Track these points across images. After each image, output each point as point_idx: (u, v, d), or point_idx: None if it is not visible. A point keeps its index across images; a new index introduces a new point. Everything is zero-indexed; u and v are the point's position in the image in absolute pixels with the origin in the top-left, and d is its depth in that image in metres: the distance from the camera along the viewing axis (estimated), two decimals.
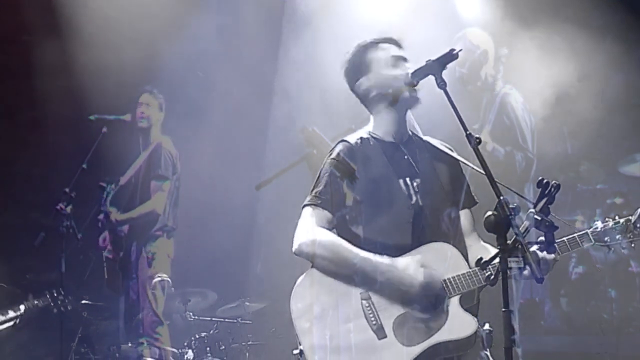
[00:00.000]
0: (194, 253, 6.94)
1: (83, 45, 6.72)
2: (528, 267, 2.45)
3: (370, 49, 3.28)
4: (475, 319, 3.01)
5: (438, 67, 2.95)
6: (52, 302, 5.64)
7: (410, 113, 3.29)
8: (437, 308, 2.99)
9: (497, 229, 2.46)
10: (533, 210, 2.51)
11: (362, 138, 3.24)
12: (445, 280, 3.02)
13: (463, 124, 2.80)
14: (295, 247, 3.13)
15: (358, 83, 3.29)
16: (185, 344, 6.15)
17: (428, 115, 3.38)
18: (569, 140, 7.08)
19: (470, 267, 3.07)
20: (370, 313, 3.02)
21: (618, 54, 6.52)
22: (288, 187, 5.74)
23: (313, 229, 3.10)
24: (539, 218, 2.49)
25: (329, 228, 3.14)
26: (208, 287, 6.69)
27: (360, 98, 3.34)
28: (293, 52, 6.82)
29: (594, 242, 3.03)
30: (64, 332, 5.63)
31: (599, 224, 3.05)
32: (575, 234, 3.03)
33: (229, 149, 7.08)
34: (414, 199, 3.15)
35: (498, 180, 2.66)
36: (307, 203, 3.17)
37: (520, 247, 2.43)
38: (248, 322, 6.59)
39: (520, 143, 6.88)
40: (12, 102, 6.88)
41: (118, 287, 6.63)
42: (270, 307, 6.54)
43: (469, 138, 2.73)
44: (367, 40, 3.31)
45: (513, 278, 2.40)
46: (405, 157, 3.23)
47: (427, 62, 3.03)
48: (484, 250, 3.13)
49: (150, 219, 6.66)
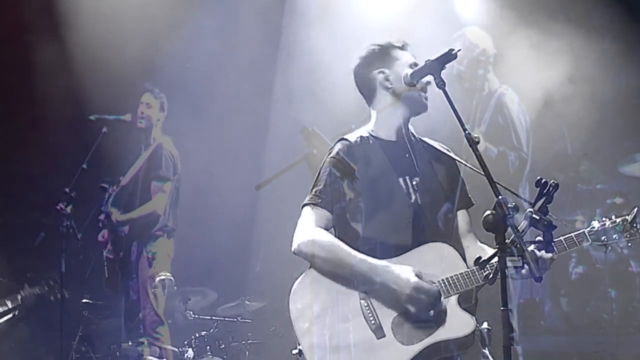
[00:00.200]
0: (194, 252, 6.95)
1: (83, 45, 6.73)
2: (526, 266, 2.46)
3: (396, 49, 3.28)
4: (474, 318, 3.01)
5: (437, 67, 2.96)
6: (47, 289, 5.65)
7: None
8: (434, 309, 2.99)
9: (495, 228, 2.47)
10: (532, 210, 2.52)
11: (361, 137, 3.24)
12: (443, 280, 3.03)
13: (462, 124, 2.81)
14: (295, 246, 3.13)
15: (377, 71, 3.26)
16: (186, 343, 6.16)
17: (428, 114, 3.38)
18: (569, 140, 7.08)
19: (468, 267, 3.07)
20: (369, 313, 3.02)
21: (617, 54, 6.52)
22: (288, 187, 5.74)
23: (312, 229, 3.10)
24: (538, 217, 2.50)
25: (329, 227, 3.15)
26: (208, 286, 6.71)
27: (369, 89, 3.30)
28: (293, 52, 6.83)
29: (591, 241, 3.04)
30: (65, 330, 5.63)
31: (596, 224, 3.07)
32: (573, 234, 3.05)
33: (229, 149, 7.09)
34: (413, 198, 3.16)
35: (496, 181, 2.66)
36: (306, 202, 3.17)
37: (519, 246, 2.44)
38: (248, 321, 6.60)
39: (514, 143, 6.87)
40: (12, 102, 6.89)
41: (117, 286, 6.63)
42: (270, 306, 6.55)
43: (468, 138, 2.73)
44: (393, 42, 3.29)
45: (510, 277, 2.40)
46: (407, 155, 3.24)
47: (426, 62, 3.04)
48: (481, 251, 3.13)
49: (151, 220, 6.66)
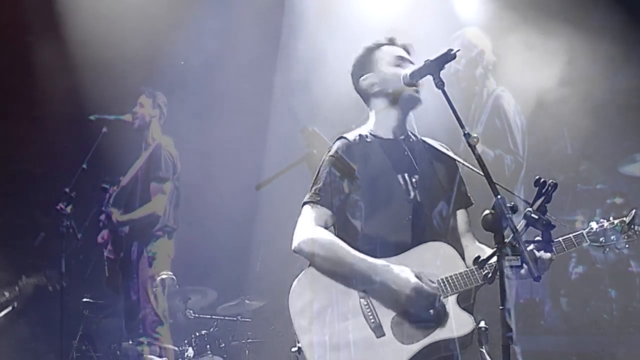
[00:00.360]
0: (194, 252, 6.95)
1: (83, 45, 6.74)
2: (525, 265, 2.46)
3: (378, 49, 3.33)
4: (473, 318, 3.02)
5: (436, 67, 2.96)
6: (45, 279, 5.65)
7: (412, 114, 3.31)
8: (433, 308, 2.99)
9: (494, 228, 2.47)
10: (530, 209, 2.52)
11: (360, 135, 3.26)
12: (443, 280, 3.03)
13: (461, 124, 2.81)
14: (295, 245, 3.14)
15: (362, 78, 3.32)
16: (186, 342, 6.17)
17: (425, 115, 3.38)
18: (569, 140, 7.08)
19: (467, 266, 3.08)
20: (369, 311, 3.03)
21: (617, 55, 6.53)
22: (288, 187, 5.75)
23: (312, 228, 3.11)
24: (536, 217, 2.51)
25: (329, 225, 3.15)
26: (208, 285, 6.72)
27: (363, 94, 3.36)
28: (293, 52, 6.83)
29: (590, 242, 3.04)
30: (65, 329, 5.64)
31: (595, 225, 3.07)
32: (571, 234, 3.05)
33: (229, 149, 7.09)
34: (412, 195, 3.17)
35: (495, 181, 2.66)
36: (306, 200, 3.18)
37: (518, 245, 2.44)
38: (248, 320, 6.62)
39: (511, 146, 6.88)
40: (12, 102, 6.89)
41: (118, 286, 6.64)
42: (270, 305, 6.56)
43: (467, 137, 2.74)
44: (376, 42, 3.34)
45: (506, 277, 2.40)
46: (405, 153, 3.25)
47: (425, 62, 3.04)
48: (480, 251, 3.14)
49: (151, 221, 6.64)
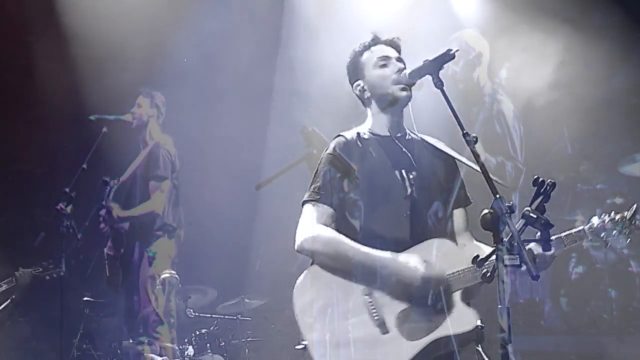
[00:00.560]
0: (194, 251, 6.95)
1: (83, 46, 6.74)
2: (524, 264, 2.46)
3: (363, 53, 3.36)
4: (477, 314, 3.02)
5: (435, 66, 2.99)
6: (42, 269, 5.66)
7: (410, 111, 3.32)
8: (438, 303, 3.00)
9: (493, 227, 2.47)
10: (529, 208, 2.53)
11: (358, 133, 3.29)
12: (447, 275, 3.04)
13: (460, 124, 2.82)
14: (297, 244, 3.16)
15: (355, 85, 3.39)
16: (186, 341, 6.18)
17: (425, 115, 3.39)
18: (569, 140, 7.08)
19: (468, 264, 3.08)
20: (373, 308, 3.04)
21: (618, 54, 6.53)
22: (288, 187, 5.74)
23: (314, 227, 3.12)
24: (535, 216, 2.51)
25: (330, 223, 3.16)
26: (208, 284, 6.74)
27: (359, 98, 3.42)
28: (293, 51, 6.84)
29: (591, 238, 3.06)
30: (66, 328, 5.64)
31: (596, 220, 3.09)
32: (572, 230, 3.07)
33: (229, 149, 7.09)
34: (409, 191, 3.19)
35: (495, 179, 2.67)
36: (306, 199, 3.20)
37: (516, 244, 2.44)
38: (248, 318, 6.63)
39: (511, 153, 6.90)
40: (12, 102, 6.89)
41: (118, 285, 6.65)
42: (270, 304, 6.58)
43: (466, 137, 2.74)
44: (361, 45, 3.37)
45: (501, 279, 2.41)
46: (403, 150, 3.27)
47: (424, 62, 3.07)
48: (478, 249, 3.14)
49: (151, 219, 6.66)
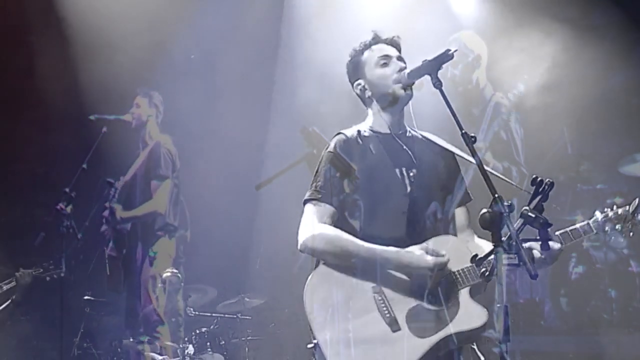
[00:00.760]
0: (194, 250, 6.97)
1: (83, 45, 6.75)
2: (522, 264, 2.46)
3: (363, 52, 3.37)
4: (486, 310, 3.01)
5: (434, 67, 2.99)
6: (42, 270, 5.68)
7: (410, 109, 3.32)
8: (448, 298, 3.01)
9: (492, 226, 2.48)
10: (527, 208, 2.53)
11: (358, 131, 3.29)
12: (454, 273, 3.05)
13: (458, 123, 2.83)
14: (300, 244, 3.16)
15: (355, 84, 3.39)
16: (186, 339, 6.19)
17: (426, 114, 3.40)
18: (569, 141, 7.08)
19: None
20: (383, 306, 3.04)
21: (618, 54, 6.52)
22: (288, 187, 5.75)
23: (316, 225, 3.13)
24: (533, 215, 2.51)
25: (332, 221, 3.16)
26: (208, 283, 6.76)
27: (360, 98, 3.42)
28: (293, 51, 6.84)
29: (595, 231, 3.09)
30: (67, 327, 5.66)
31: (599, 214, 3.11)
32: (577, 225, 3.10)
33: (229, 148, 7.10)
34: (409, 189, 3.19)
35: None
36: (307, 198, 3.20)
37: (515, 244, 2.44)
38: (247, 317, 6.63)
39: (515, 157, 6.90)
40: (12, 102, 6.90)
41: (119, 285, 6.66)
42: (270, 302, 6.57)
43: (465, 137, 2.75)
44: (361, 44, 3.38)
45: (498, 283, 2.42)
46: (403, 147, 3.27)
47: (423, 62, 3.07)
48: (478, 248, 3.14)
49: (153, 219, 6.69)
